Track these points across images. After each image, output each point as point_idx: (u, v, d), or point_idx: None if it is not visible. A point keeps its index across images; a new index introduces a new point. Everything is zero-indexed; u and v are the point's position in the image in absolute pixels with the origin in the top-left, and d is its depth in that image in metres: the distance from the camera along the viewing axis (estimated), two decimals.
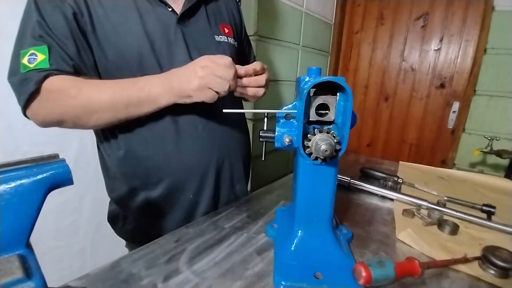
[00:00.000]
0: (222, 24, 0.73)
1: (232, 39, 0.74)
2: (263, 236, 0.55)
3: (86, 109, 0.53)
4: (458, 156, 1.81)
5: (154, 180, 0.65)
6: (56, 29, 0.51)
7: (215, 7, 0.73)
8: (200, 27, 0.67)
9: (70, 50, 0.53)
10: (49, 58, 0.50)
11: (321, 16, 1.83)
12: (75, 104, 0.52)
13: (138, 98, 0.53)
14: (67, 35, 0.52)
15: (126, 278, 0.43)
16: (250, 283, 0.43)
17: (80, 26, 0.54)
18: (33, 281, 0.24)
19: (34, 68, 0.50)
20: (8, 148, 0.80)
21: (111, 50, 0.57)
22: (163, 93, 0.54)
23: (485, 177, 0.93)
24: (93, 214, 1.02)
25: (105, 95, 0.52)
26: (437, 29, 1.81)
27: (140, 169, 0.64)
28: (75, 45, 0.53)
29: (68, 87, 0.52)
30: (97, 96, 0.52)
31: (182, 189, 0.67)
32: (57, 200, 0.92)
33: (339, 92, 0.44)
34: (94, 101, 0.52)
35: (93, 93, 0.52)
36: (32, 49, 0.50)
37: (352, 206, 0.70)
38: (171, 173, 0.65)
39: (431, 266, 0.43)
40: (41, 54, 0.50)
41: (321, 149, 0.40)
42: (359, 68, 2.12)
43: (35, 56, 0.50)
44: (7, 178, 0.26)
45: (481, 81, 1.67)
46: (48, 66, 0.50)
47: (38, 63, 0.49)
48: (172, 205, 0.68)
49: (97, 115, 0.54)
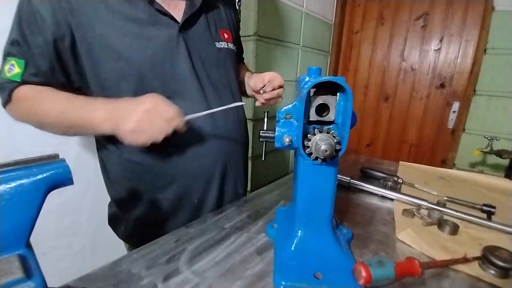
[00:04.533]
0: (222, 30, 0.72)
1: (231, 44, 0.74)
2: (263, 236, 0.55)
3: (40, 120, 0.57)
4: (458, 156, 1.81)
5: (159, 185, 0.66)
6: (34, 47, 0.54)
7: (215, 12, 0.72)
8: (201, 34, 0.67)
9: (43, 67, 0.56)
10: (23, 73, 0.55)
11: (321, 16, 1.83)
12: (34, 113, 0.57)
13: (81, 121, 0.55)
14: (43, 54, 0.55)
15: (126, 278, 0.43)
16: (250, 283, 0.43)
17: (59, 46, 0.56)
18: (33, 281, 0.24)
19: (9, 78, 0.55)
20: (8, 148, 0.80)
21: (109, 67, 0.58)
22: (103, 122, 0.53)
23: (485, 177, 0.93)
24: (93, 214, 1.02)
25: (54, 112, 0.55)
26: (437, 29, 1.81)
27: (142, 175, 0.65)
28: (50, 64, 0.56)
29: (30, 98, 0.56)
30: (48, 111, 0.56)
31: (187, 195, 0.67)
32: (57, 200, 0.92)
33: (339, 92, 0.44)
34: (45, 116, 0.56)
35: (46, 107, 0.56)
36: (13, 60, 0.55)
37: (352, 206, 0.70)
38: (176, 179, 0.65)
39: (431, 266, 0.43)
40: (18, 67, 0.55)
41: (321, 149, 0.40)
42: (359, 68, 2.12)
43: (13, 67, 0.55)
44: (7, 178, 0.26)
45: (481, 81, 1.67)
46: (19, 80, 0.55)
47: (13, 74, 0.55)
48: (175, 210, 0.68)
49: (50, 127, 0.58)
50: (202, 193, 0.69)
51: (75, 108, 0.55)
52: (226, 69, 0.72)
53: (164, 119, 0.52)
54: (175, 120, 0.53)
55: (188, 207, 0.68)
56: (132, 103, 0.53)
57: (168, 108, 0.53)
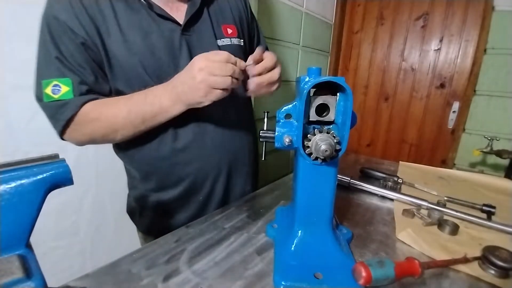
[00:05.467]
0: (225, 25, 0.71)
1: (236, 39, 0.73)
2: (263, 236, 0.55)
3: (109, 128, 0.58)
4: (458, 156, 1.81)
5: (170, 183, 0.69)
6: (74, 61, 0.55)
7: (217, 7, 0.71)
8: (203, 33, 0.67)
9: (88, 79, 0.57)
10: (73, 90, 0.55)
11: (321, 16, 1.83)
12: (100, 125, 0.57)
13: (151, 112, 0.56)
14: (84, 66, 0.56)
15: (126, 278, 0.43)
16: (250, 283, 0.43)
17: (93, 55, 0.57)
18: (33, 281, 0.24)
19: (59, 99, 0.54)
20: (8, 148, 0.80)
21: (121, 75, 0.60)
22: (173, 104, 0.55)
23: (485, 177, 0.93)
24: (93, 214, 1.02)
25: (122, 113, 0.56)
26: (437, 29, 1.81)
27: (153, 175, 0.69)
28: (93, 73, 0.57)
29: (90, 110, 0.56)
30: (115, 115, 0.56)
31: (195, 192, 0.70)
32: (57, 200, 0.92)
33: (339, 92, 0.44)
34: (113, 121, 0.57)
35: (112, 113, 0.56)
36: (55, 81, 0.54)
37: (352, 206, 0.70)
38: (184, 178, 0.68)
39: (431, 266, 0.43)
40: (64, 86, 0.54)
41: (321, 149, 0.40)
42: (359, 68, 2.12)
43: (58, 88, 0.54)
44: (7, 178, 0.26)
45: (481, 81, 1.67)
46: (72, 97, 0.55)
47: (62, 94, 0.54)
48: (183, 205, 0.71)
49: (119, 132, 0.58)
50: (209, 190, 0.71)
51: (138, 103, 0.55)
52: None
53: (219, 64, 0.52)
54: (230, 60, 0.54)
55: (196, 202, 0.71)
56: (186, 74, 0.54)
57: (216, 53, 0.53)
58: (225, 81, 0.53)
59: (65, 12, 0.53)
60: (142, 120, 0.56)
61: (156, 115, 0.56)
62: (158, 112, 0.55)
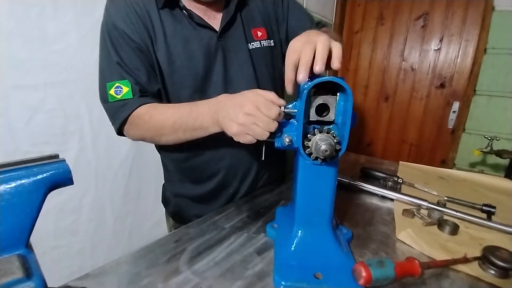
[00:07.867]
0: (254, 28, 0.74)
1: (266, 41, 0.75)
2: (263, 236, 0.55)
3: (156, 132, 0.64)
4: (458, 156, 1.81)
5: (204, 178, 0.76)
6: (131, 64, 0.63)
7: (248, 12, 0.73)
8: (235, 38, 0.70)
9: (142, 80, 0.64)
10: (132, 90, 0.62)
11: (321, 16, 1.83)
12: (149, 127, 0.64)
13: (193, 126, 0.61)
14: (140, 68, 0.63)
15: (126, 278, 0.43)
16: (250, 283, 0.43)
17: (146, 58, 0.64)
18: (33, 281, 0.24)
19: (121, 99, 0.62)
20: (8, 148, 0.80)
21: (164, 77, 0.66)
22: (212, 125, 0.59)
23: (485, 177, 0.93)
24: (93, 214, 1.02)
25: (169, 122, 0.62)
26: (437, 29, 1.81)
27: (189, 172, 0.76)
28: (146, 74, 0.64)
29: (143, 113, 0.63)
30: (163, 122, 0.62)
31: (226, 185, 0.76)
32: (57, 200, 0.92)
33: (339, 92, 0.44)
34: (161, 126, 0.63)
35: (160, 119, 0.62)
36: (117, 83, 0.62)
37: (352, 206, 0.70)
38: (219, 172, 0.74)
39: (431, 266, 0.43)
40: (125, 87, 0.62)
41: (321, 149, 0.40)
42: (359, 68, 2.12)
43: (120, 89, 0.62)
44: (7, 178, 0.26)
45: (481, 81, 1.67)
46: (131, 97, 0.63)
47: (124, 94, 0.62)
48: (214, 198, 0.78)
49: (164, 137, 0.65)
50: (238, 183, 0.77)
51: (184, 116, 0.61)
52: (259, 68, 0.74)
53: (266, 119, 0.50)
54: (278, 117, 0.50)
55: (225, 195, 0.77)
56: (233, 106, 0.53)
57: (268, 109, 0.50)
58: (262, 134, 0.51)
59: (122, 21, 0.61)
60: (184, 130, 0.62)
61: (196, 130, 0.61)
62: (199, 128, 0.60)
